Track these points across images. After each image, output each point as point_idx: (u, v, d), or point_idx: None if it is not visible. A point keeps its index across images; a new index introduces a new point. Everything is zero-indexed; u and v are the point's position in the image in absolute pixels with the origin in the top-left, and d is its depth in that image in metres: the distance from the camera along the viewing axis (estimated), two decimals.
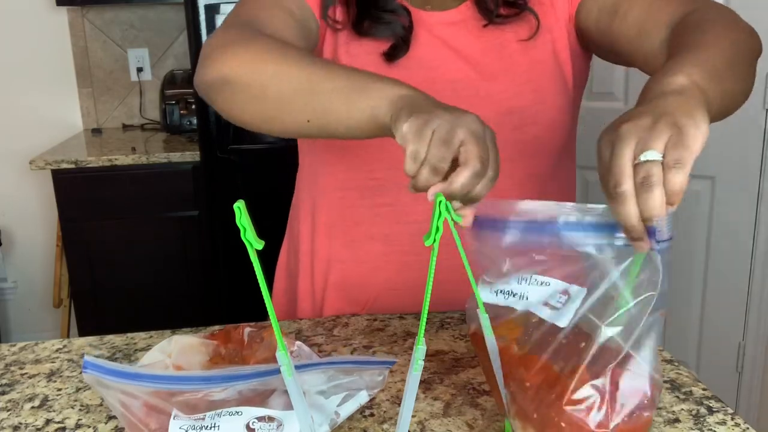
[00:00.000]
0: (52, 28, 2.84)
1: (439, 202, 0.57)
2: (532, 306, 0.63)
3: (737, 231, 1.92)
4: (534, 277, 0.64)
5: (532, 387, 0.61)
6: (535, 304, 0.63)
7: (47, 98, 2.91)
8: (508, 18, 0.93)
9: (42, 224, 2.92)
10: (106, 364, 0.64)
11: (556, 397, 0.58)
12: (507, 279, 0.65)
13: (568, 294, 0.62)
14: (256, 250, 0.55)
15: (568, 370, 0.59)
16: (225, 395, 0.64)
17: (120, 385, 0.63)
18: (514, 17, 0.93)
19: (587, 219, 0.60)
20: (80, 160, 2.41)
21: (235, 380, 0.63)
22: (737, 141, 1.87)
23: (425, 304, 0.58)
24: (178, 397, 0.64)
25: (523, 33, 0.94)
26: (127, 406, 0.66)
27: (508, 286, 0.65)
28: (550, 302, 0.63)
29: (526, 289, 0.64)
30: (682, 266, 2.02)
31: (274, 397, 0.65)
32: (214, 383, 0.64)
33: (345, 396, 0.67)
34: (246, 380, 0.64)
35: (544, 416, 0.60)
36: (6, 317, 3.10)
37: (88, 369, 0.63)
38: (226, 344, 0.78)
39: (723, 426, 0.71)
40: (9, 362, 0.91)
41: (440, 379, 0.82)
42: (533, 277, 0.64)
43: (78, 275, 2.54)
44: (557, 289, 0.63)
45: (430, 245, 0.57)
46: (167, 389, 0.64)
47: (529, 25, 0.94)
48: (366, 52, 0.93)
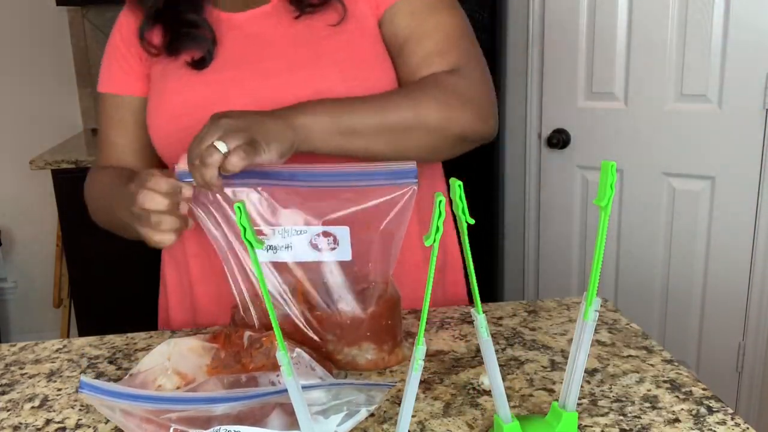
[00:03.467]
0: (52, 28, 2.84)
1: (439, 201, 0.57)
2: (300, 254, 0.80)
3: (737, 231, 1.92)
4: (292, 228, 0.81)
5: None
6: (302, 251, 0.80)
7: (47, 98, 2.92)
8: (317, 7, 0.98)
9: (42, 224, 2.92)
10: (103, 385, 0.64)
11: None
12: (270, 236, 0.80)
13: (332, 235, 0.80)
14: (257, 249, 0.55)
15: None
16: (223, 411, 0.64)
17: (117, 404, 0.64)
18: (322, 6, 0.99)
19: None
20: (80, 160, 2.41)
21: (234, 401, 0.64)
22: (737, 141, 1.87)
23: (425, 304, 0.58)
24: (177, 413, 0.64)
25: (333, 19, 0.99)
26: (125, 424, 0.66)
27: (273, 241, 0.81)
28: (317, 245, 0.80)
29: (290, 241, 0.80)
30: (682, 266, 2.02)
31: (273, 417, 0.65)
32: (212, 404, 0.64)
33: (345, 416, 0.68)
34: (245, 401, 0.64)
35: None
36: (6, 317, 3.11)
37: (85, 390, 0.64)
38: (226, 348, 0.78)
39: (723, 426, 0.71)
40: (9, 362, 0.92)
41: (440, 379, 0.82)
42: (291, 229, 0.81)
43: (78, 275, 2.53)
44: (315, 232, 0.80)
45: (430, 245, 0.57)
46: (165, 408, 0.64)
47: (337, 12, 0.99)
48: (177, 67, 1.00)
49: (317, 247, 0.81)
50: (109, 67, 1.09)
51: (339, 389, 0.67)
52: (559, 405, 0.68)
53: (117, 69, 1.08)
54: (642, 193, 2.04)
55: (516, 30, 2.28)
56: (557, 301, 1.03)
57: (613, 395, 0.77)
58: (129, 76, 1.07)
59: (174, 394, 0.70)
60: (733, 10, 1.78)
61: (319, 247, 0.81)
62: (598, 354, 0.86)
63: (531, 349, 0.88)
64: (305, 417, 0.60)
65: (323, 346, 0.83)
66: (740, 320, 1.97)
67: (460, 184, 0.58)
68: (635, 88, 1.99)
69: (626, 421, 0.72)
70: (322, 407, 0.66)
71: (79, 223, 2.46)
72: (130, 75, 1.06)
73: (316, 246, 0.81)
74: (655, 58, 1.94)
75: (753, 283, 1.93)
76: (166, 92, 1.01)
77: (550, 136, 2.14)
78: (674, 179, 1.99)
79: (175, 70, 1.00)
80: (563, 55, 2.11)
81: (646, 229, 2.06)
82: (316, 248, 0.81)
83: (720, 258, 1.96)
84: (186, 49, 1.00)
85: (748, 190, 1.89)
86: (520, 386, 0.80)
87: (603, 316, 0.96)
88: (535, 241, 2.37)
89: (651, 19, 1.92)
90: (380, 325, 0.83)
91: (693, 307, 2.03)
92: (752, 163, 1.86)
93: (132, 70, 1.06)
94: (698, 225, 1.97)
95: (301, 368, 0.72)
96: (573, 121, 2.12)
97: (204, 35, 1.00)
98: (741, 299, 1.96)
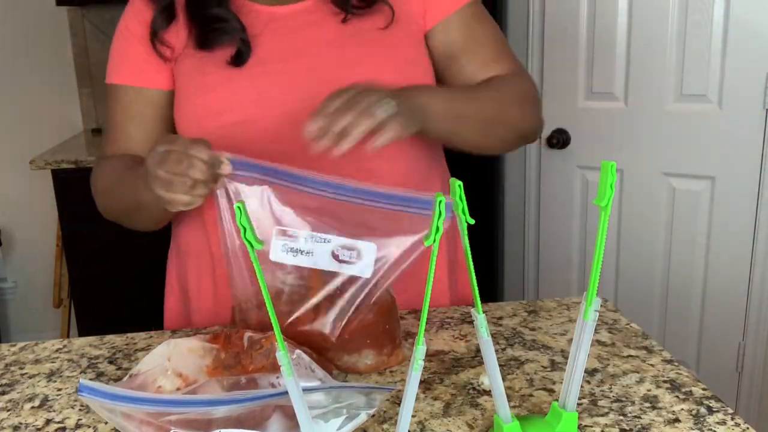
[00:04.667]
0: (52, 28, 2.84)
1: (439, 201, 0.57)
2: (320, 262, 0.78)
3: (737, 231, 1.92)
4: (318, 236, 0.79)
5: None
6: (323, 260, 0.78)
7: (47, 98, 2.91)
8: (361, 9, 0.99)
9: (42, 224, 2.92)
10: (102, 388, 0.64)
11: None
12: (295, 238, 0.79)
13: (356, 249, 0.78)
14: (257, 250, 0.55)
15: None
16: (223, 413, 0.64)
17: (117, 407, 0.64)
18: (368, 9, 0.99)
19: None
20: (80, 160, 2.41)
21: (234, 404, 0.64)
22: (737, 141, 1.87)
23: (425, 304, 0.58)
24: (177, 416, 0.64)
25: (380, 22, 1.00)
26: (125, 426, 0.66)
27: (296, 243, 0.79)
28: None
29: (313, 247, 0.78)
30: (682, 266, 2.02)
31: (272, 421, 0.65)
32: (212, 407, 0.64)
33: (345, 419, 0.67)
34: (245, 403, 0.64)
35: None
36: (6, 317, 3.10)
37: (84, 393, 0.63)
38: (226, 349, 0.78)
39: (723, 426, 0.71)
40: (9, 362, 0.91)
41: (440, 379, 0.82)
42: (318, 236, 0.79)
43: (78, 275, 2.53)
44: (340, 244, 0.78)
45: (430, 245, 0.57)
46: (164, 411, 0.64)
47: (385, 15, 1.00)
48: (214, 62, 0.97)
49: (338, 258, 0.79)
50: (123, 57, 1.04)
51: (339, 392, 0.67)
52: (559, 405, 0.68)
53: (133, 60, 1.03)
54: (642, 193, 2.04)
55: (516, 30, 2.28)
56: (557, 301, 1.03)
57: (613, 395, 0.77)
58: (148, 66, 1.02)
59: (174, 396, 0.70)
60: (733, 10, 1.78)
61: (340, 258, 0.79)
62: (598, 354, 0.86)
63: (531, 349, 0.88)
64: (305, 417, 0.60)
65: (328, 345, 0.82)
66: (740, 320, 1.97)
67: (460, 184, 0.58)
68: (635, 88, 1.99)
69: (626, 421, 0.72)
70: (323, 410, 0.66)
71: (79, 223, 2.47)
72: (149, 66, 1.02)
73: (337, 257, 0.79)
74: (655, 58, 1.93)
75: (753, 283, 1.93)
76: (204, 88, 0.98)
77: (550, 136, 2.14)
78: (674, 179, 1.99)
79: (211, 65, 0.97)
80: (563, 55, 2.11)
81: (646, 229, 2.06)
82: (337, 259, 0.79)
83: (720, 258, 1.96)
84: (219, 44, 0.97)
85: (748, 190, 1.88)
86: (520, 386, 0.80)
87: (603, 316, 0.96)
88: (535, 241, 2.36)
89: (651, 19, 1.92)
90: (378, 331, 0.83)
91: (693, 307, 2.03)
92: (752, 163, 1.86)
93: (150, 62, 1.02)
94: (698, 225, 1.97)
95: (300, 370, 0.72)
96: (573, 121, 2.12)
97: (234, 28, 0.97)
98: (741, 299, 1.95)
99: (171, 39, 1.00)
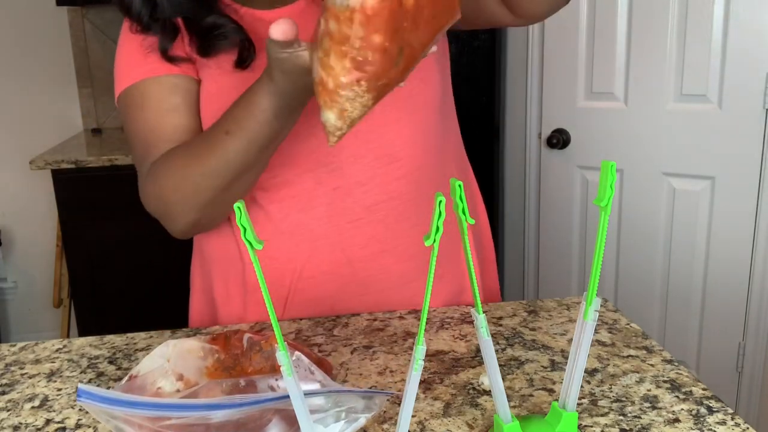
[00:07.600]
0: (52, 28, 2.84)
1: (439, 202, 0.57)
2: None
3: (737, 231, 1.92)
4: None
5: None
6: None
7: (47, 98, 2.92)
8: None
9: (42, 224, 2.92)
10: (101, 392, 0.64)
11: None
12: None
13: None
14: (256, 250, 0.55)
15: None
16: (222, 418, 0.64)
17: (115, 411, 0.64)
18: None
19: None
20: (80, 160, 2.41)
21: (232, 408, 0.64)
22: (737, 141, 1.87)
23: (425, 305, 0.58)
24: (176, 420, 0.64)
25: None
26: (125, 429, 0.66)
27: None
28: None
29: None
30: (682, 266, 2.02)
31: (271, 426, 0.65)
32: (211, 411, 0.64)
33: (344, 424, 0.68)
34: (243, 407, 0.64)
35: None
36: (6, 317, 3.10)
37: (82, 397, 0.63)
38: (226, 350, 0.78)
39: (723, 426, 0.71)
40: (9, 362, 0.92)
41: (440, 379, 0.82)
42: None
43: (78, 275, 2.53)
44: None
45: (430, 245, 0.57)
46: (163, 416, 0.64)
47: None
48: (223, 69, 0.95)
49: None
50: (139, 57, 0.96)
51: (338, 396, 0.67)
52: (559, 405, 0.68)
53: (149, 53, 0.95)
54: (642, 193, 2.04)
55: (516, 30, 2.28)
56: (557, 301, 1.03)
57: (613, 395, 0.77)
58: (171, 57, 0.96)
59: (173, 400, 0.70)
60: (733, 10, 1.78)
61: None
62: (598, 354, 0.86)
63: (531, 349, 0.88)
64: (305, 417, 0.60)
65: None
66: (740, 320, 1.97)
67: (461, 184, 0.58)
68: (635, 88, 1.99)
69: (626, 421, 0.72)
70: (322, 415, 0.66)
71: (79, 223, 2.48)
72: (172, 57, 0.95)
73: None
74: (655, 58, 1.94)
75: (753, 283, 1.93)
76: (222, 92, 0.94)
77: (550, 136, 2.14)
78: (674, 179, 1.99)
79: (221, 71, 0.96)
80: (563, 55, 2.11)
81: (646, 229, 2.06)
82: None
83: (720, 258, 1.96)
84: (221, 50, 0.95)
85: (748, 190, 1.89)
86: (520, 386, 0.80)
87: (603, 316, 0.96)
88: (535, 241, 2.37)
89: (651, 19, 1.92)
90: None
91: (693, 307, 2.03)
92: (752, 163, 1.86)
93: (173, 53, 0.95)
94: (698, 225, 1.97)
95: (300, 371, 0.72)
96: (573, 121, 2.12)
97: (231, 31, 0.95)
98: (741, 299, 1.96)
99: (180, 52, 0.97)
